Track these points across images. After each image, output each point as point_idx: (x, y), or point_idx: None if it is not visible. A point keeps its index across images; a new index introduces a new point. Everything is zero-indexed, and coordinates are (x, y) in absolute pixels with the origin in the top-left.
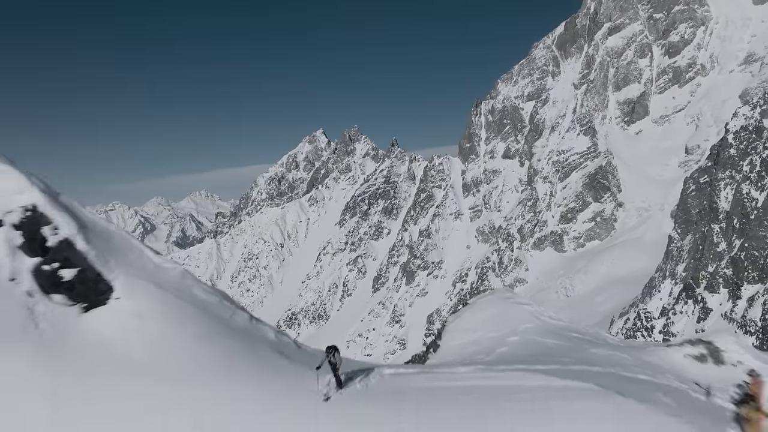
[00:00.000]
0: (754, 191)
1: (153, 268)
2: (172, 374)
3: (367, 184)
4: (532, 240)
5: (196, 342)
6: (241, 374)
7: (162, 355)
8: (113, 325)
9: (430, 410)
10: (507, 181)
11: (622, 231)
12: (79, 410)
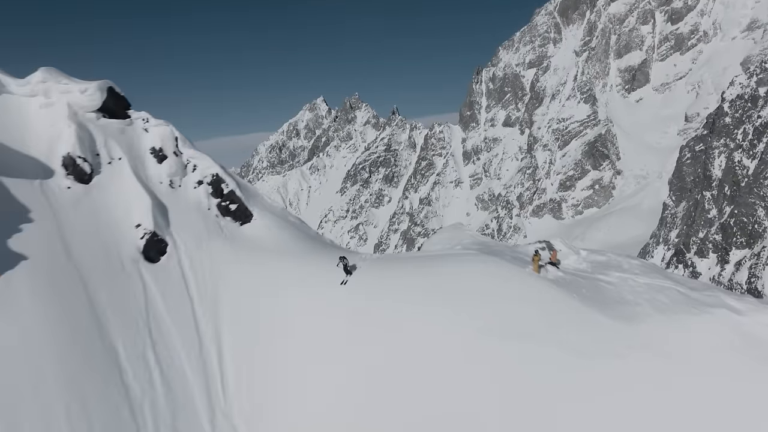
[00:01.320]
0: (746, 159)
1: (269, 204)
2: (284, 254)
3: (368, 152)
4: (530, 207)
5: (293, 239)
6: (318, 253)
7: (279, 245)
8: (255, 231)
9: (400, 264)
10: (507, 149)
11: (620, 199)
12: (245, 267)
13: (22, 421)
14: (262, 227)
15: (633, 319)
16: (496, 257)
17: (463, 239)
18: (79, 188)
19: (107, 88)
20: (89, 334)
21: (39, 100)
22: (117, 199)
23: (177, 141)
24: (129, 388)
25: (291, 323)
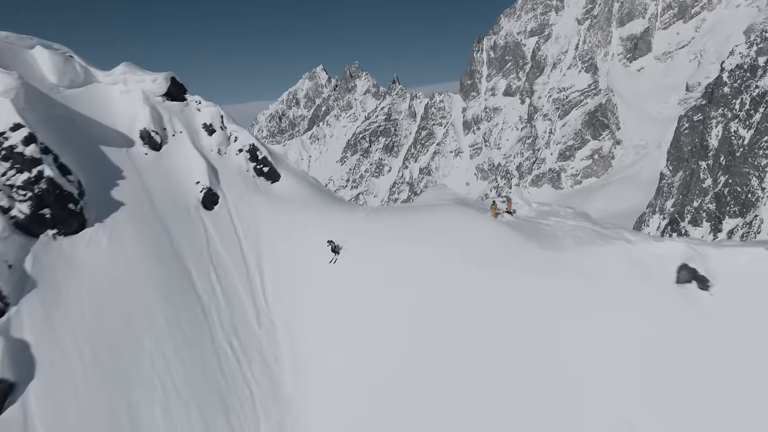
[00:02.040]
0: (742, 129)
1: (292, 168)
2: (305, 205)
3: (368, 122)
4: (530, 177)
5: (311, 194)
6: (330, 205)
7: (301, 198)
8: (282, 188)
9: (395, 213)
10: (507, 119)
11: (619, 168)
12: (276, 214)
13: (136, 321)
14: (288, 185)
15: (560, 248)
16: (468, 207)
17: (445, 196)
18: (153, 154)
19: (170, 77)
20: (171, 259)
21: (119, 87)
22: (181, 162)
23: (222, 118)
24: (200, 296)
25: (311, 254)
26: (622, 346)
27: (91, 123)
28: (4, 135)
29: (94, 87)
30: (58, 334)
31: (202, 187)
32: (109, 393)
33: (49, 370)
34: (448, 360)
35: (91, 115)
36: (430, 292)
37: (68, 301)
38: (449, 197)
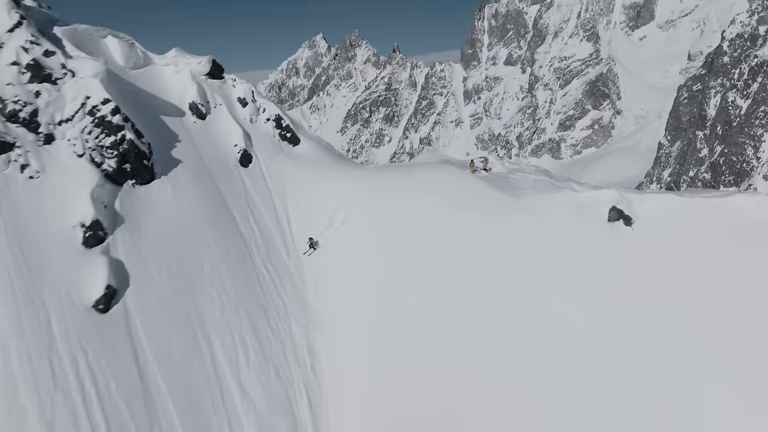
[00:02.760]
0: (740, 99)
1: (310, 134)
2: (321, 163)
3: (369, 92)
4: (530, 147)
5: (326, 155)
6: (341, 163)
7: (318, 158)
8: (302, 150)
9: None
10: (508, 89)
11: (619, 138)
12: (298, 171)
13: (196, 248)
14: (306, 148)
15: (521, 196)
16: (452, 165)
17: (435, 158)
18: (200, 122)
19: (212, 60)
20: (219, 204)
21: (171, 68)
22: (221, 129)
23: (253, 93)
24: (242, 233)
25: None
26: (563, 264)
27: (151, 97)
28: (97, 107)
29: (152, 68)
30: (143, 255)
31: (239, 149)
32: (181, 300)
33: (139, 281)
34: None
35: (150, 91)
36: (419, 227)
37: (147, 232)
38: (438, 159)
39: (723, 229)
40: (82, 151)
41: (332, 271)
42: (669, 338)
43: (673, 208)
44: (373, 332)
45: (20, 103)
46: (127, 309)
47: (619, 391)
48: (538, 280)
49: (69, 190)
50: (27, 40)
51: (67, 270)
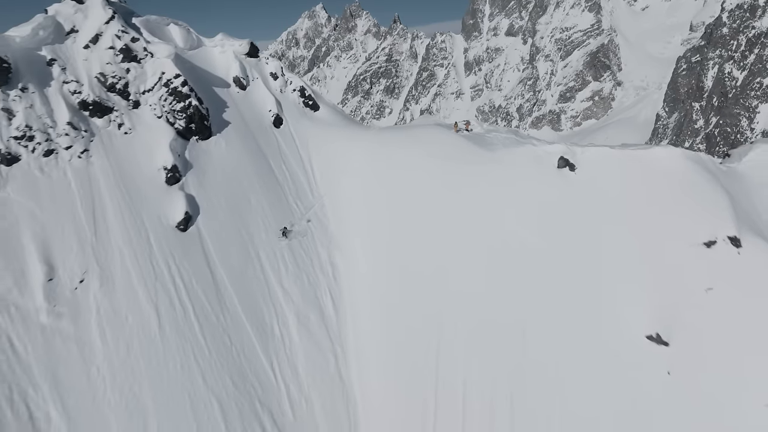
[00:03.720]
0: (736, 70)
1: (327, 101)
2: (337, 125)
3: (369, 63)
4: (530, 119)
5: (340, 118)
6: (355, 125)
7: (334, 121)
8: (322, 115)
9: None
10: (509, 60)
11: (619, 110)
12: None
13: (245, 186)
14: (325, 113)
15: (493, 150)
16: (442, 127)
17: (429, 121)
18: (242, 92)
19: (250, 42)
20: (260, 156)
21: (218, 49)
22: (258, 97)
23: (282, 69)
24: (277, 177)
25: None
26: (524, 200)
27: (204, 72)
28: (170, 80)
29: (204, 49)
30: (207, 191)
31: (273, 113)
32: (236, 224)
33: (206, 209)
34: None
35: (203, 67)
36: (414, 175)
37: (209, 175)
38: (431, 122)
39: (642, 172)
40: (160, 114)
41: (346, 208)
42: (602, 251)
43: (606, 157)
44: (378, 249)
45: (116, 78)
46: (200, 229)
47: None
48: (508, 213)
49: (153, 142)
50: (119, 30)
51: (156, 200)
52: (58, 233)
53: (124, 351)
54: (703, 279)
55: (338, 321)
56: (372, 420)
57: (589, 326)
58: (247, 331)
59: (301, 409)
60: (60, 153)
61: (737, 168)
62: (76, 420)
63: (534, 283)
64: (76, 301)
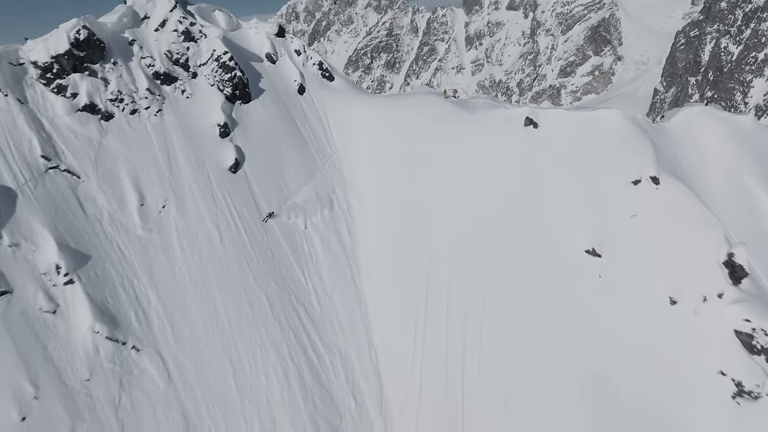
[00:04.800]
0: (732, 45)
1: (340, 73)
2: (349, 93)
3: (370, 37)
4: (530, 94)
5: (352, 88)
6: (362, 93)
7: (347, 89)
8: (336, 84)
9: (395, 97)
10: (510, 34)
11: (619, 85)
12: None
13: (277, 140)
14: (339, 83)
15: (474, 112)
16: (432, 94)
17: (424, 90)
18: (272, 66)
19: (278, 24)
20: (287, 116)
21: (253, 30)
22: (285, 70)
23: (304, 47)
24: (302, 134)
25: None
26: (498, 151)
27: (242, 49)
28: (220, 56)
29: (242, 30)
30: (250, 144)
31: (297, 83)
32: (272, 170)
33: (250, 158)
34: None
35: (242, 45)
36: (410, 130)
37: (250, 131)
38: (426, 90)
39: (589, 128)
40: (213, 83)
41: (357, 159)
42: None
43: (562, 117)
44: (382, 190)
45: (179, 54)
46: (246, 172)
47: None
48: (485, 161)
49: (208, 105)
50: (180, 16)
51: (213, 149)
52: (145, 171)
53: (196, 257)
54: (630, 208)
55: (352, 243)
56: (378, 314)
57: (545, 243)
58: (285, 248)
59: (325, 305)
60: (141, 112)
61: (665, 126)
62: (166, 302)
63: (505, 213)
64: (161, 221)
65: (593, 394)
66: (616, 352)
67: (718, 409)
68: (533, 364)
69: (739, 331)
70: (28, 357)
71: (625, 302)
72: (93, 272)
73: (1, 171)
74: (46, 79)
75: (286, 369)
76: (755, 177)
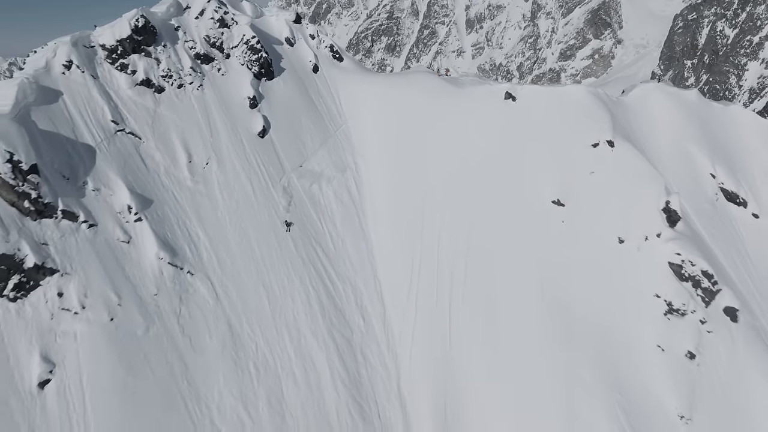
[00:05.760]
0: (728, 28)
1: (348, 55)
2: (356, 72)
3: (370, 20)
4: (530, 77)
5: (359, 67)
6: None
7: (354, 69)
8: (345, 65)
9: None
10: (510, 17)
11: (619, 68)
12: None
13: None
14: (347, 63)
15: (461, 88)
16: (428, 72)
17: (421, 69)
18: (291, 48)
19: (296, 12)
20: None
21: (274, 17)
22: (302, 52)
23: (317, 32)
24: (317, 108)
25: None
26: (482, 120)
27: (266, 34)
28: (249, 40)
29: (264, 18)
30: (273, 113)
31: (312, 63)
32: (293, 136)
33: (273, 125)
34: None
35: (264, 30)
36: (409, 104)
37: (274, 103)
38: (423, 69)
39: (559, 102)
40: (243, 63)
41: (363, 128)
42: (530, 152)
43: (536, 92)
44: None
45: (215, 38)
46: (272, 137)
47: (509, 176)
48: (471, 129)
49: (239, 81)
50: (216, 6)
51: (245, 118)
52: (191, 135)
53: (234, 204)
54: (589, 166)
55: (360, 196)
56: (382, 252)
57: (519, 195)
58: (305, 200)
59: (338, 245)
60: (186, 86)
61: (624, 99)
62: (212, 238)
63: (487, 171)
64: (205, 175)
65: (555, 314)
66: (575, 281)
67: (654, 324)
68: (508, 291)
69: (672, 263)
70: (112, 275)
71: (582, 242)
72: (155, 213)
73: (83, 132)
74: (112, 59)
75: (308, 294)
76: (697, 143)
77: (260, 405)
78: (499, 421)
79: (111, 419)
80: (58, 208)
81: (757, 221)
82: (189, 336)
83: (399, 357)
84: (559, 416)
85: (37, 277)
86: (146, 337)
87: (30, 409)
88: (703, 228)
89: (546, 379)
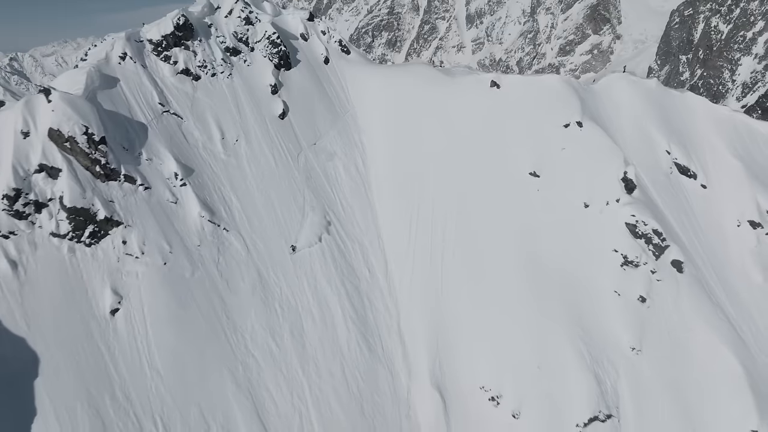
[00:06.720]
0: (722, 24)
1: (355, 49)
2: (361, 63)
3: (371, 16)
4: (529, 72)
5: (364, 58)
6: (370, 63)
7: (361, 61)
8: (352, 57)
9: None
10: (510, 12)
11: (618, 63)
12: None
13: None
14: (354, 56)
15: (453, 77)
16: (425, 65)
17: (418, 61)
18: (305, 43)
19: (310, 12)
20: (317, 80)
21: (291, 16)
22: (315, 46)
23: (328, 28)
24: (328, 95)
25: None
26: (470, 104)
27: (284, 30)
28: (270, 36)
29: (282, 16)
30: (292, 97)
31: (324, 56)
32: (308, 117)
33: (293, 108)
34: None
35: (283, 27)
36: (408, 92)
37: (292, 89)
38: (420, 62)
39: (536, 89)
40: (265, 55)
41: (369, 112)
42: (510, 132)
43: (517, 81)
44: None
45: (242, 34)
46: (290, 119)
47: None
48: (463, 111)
49: (262, 71)
50: (242, 6)
51: (267, 102)
52: (222, 116)
53: (260, 173)
54: (561, 143)
55: (365, 168)
56: (384, 216)
57: (501, 168)
58: (319, 173)
59: (348, 211)
60: (218, 75)
61: (593, 87)
62: (242, 202)
63: (474, 148)
64: (236, 150)
65: (530, 266)
66: (547, 239)
67: (612, 273)
68: (491, 248)
69: (628, 223)
70: (164, 228)
71: (554, 207)
72: (197, 180)
73: (137, 111)
74: (158, 52)
75: (323, 249)
76: (655, 124)
77: (285, 336)
78: (482, 348)
79: (167, 342)
80: (121, 173)
81: (705, 191)
82: (226, 279)
83: (399, 301)
84: (532, 347)
85: (107, 227)
86: (192, 279)
87: (105, 330)
88: (658, 196)
89: (522, 318)
